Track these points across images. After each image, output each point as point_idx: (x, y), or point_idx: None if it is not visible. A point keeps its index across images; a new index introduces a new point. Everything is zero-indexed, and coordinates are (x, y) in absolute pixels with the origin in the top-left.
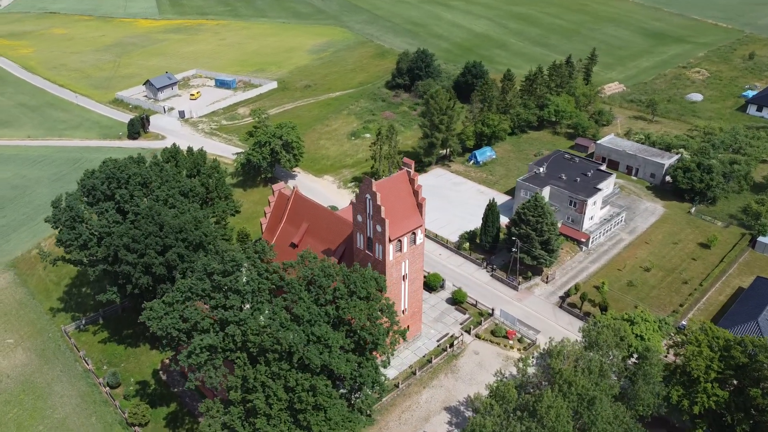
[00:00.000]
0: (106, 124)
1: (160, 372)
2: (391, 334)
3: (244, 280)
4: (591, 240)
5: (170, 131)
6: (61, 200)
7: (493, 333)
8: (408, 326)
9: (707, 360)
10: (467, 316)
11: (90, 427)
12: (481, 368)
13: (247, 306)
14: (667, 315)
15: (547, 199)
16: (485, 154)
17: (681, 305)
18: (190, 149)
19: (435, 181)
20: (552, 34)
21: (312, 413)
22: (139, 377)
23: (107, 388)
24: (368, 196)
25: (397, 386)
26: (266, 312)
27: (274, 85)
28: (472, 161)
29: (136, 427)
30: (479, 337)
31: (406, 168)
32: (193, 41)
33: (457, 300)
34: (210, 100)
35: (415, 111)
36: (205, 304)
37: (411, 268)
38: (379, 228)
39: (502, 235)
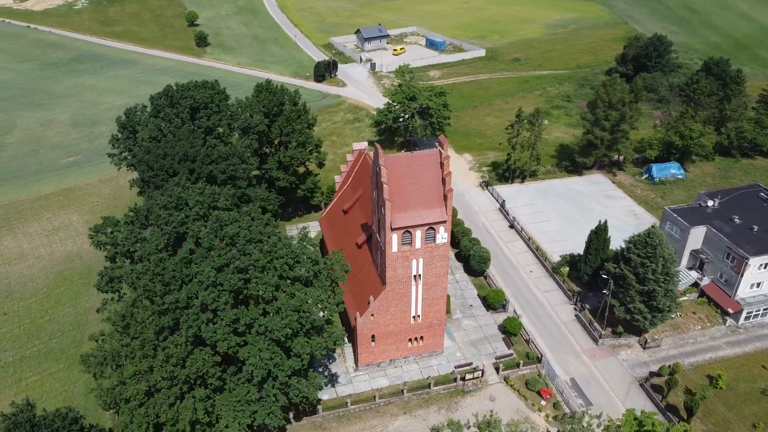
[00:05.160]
0: (306, 64)
1: None
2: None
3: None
4: (744, 314)
5: (354, 80)
6: (136, 109)
7: (527, 384)
8: (422, 336)
9: None
10: (510, 352)
11: (83, 328)
12: None
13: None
14: None
15: (699, 243)
16: (668, 170)
17: None
18: (282, 87)
19: (585, 188)
20: None
21: (178, 384)
22: None
23: None
24: (378, 169)
25: (374, 399)
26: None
27: (481, 53)
28: (646, 176)
29: None
30: (507, 382)
31: (438, 147)
32: (436, 0)
33: (507, 329)
34: (412, 58)
35: None
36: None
37: (427, 270)
38: (382, 210)
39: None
